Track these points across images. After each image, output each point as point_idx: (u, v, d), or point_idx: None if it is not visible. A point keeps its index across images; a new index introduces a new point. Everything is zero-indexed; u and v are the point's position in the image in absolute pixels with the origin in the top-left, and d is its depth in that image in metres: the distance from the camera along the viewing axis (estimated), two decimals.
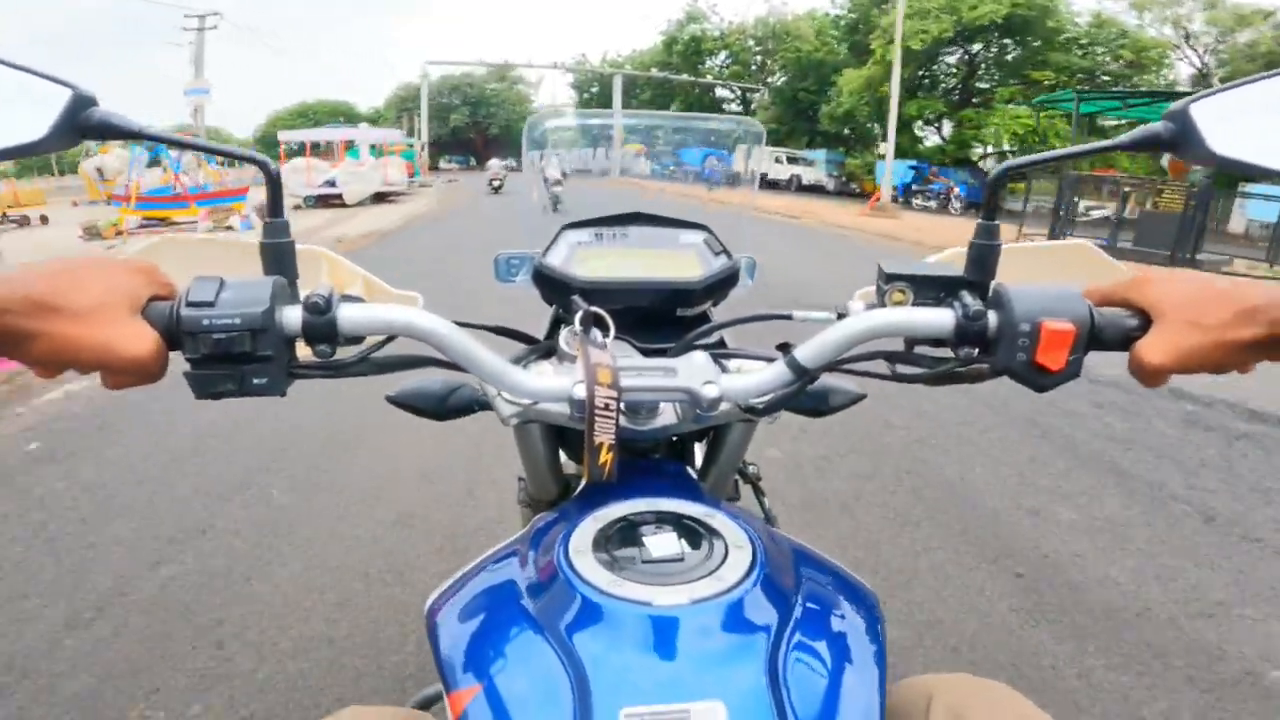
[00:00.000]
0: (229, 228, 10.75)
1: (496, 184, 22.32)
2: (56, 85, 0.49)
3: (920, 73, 27.31)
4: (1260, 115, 0.51)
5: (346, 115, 60.12)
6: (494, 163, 26.07)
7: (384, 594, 2.02)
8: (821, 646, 0.50)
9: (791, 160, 30.76)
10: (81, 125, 0.50)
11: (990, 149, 26.09)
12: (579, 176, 0.90)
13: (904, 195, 25.06)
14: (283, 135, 20.74)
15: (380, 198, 18.62)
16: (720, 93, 45.35)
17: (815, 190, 29.29)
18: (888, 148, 19.00)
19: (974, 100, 27.08)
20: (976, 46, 26.35)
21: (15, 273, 0.44)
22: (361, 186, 17.63)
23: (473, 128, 58.01)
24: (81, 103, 0.49)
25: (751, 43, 40.40)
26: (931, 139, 29.45)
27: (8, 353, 0.45)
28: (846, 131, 30.89)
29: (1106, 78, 24.22)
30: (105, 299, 0.46)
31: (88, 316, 0.45)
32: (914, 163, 25.80)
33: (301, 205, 16.03)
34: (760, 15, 39.40)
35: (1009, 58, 25.93)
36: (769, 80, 41.06)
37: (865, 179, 27.71)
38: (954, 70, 28.31)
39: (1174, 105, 0.52)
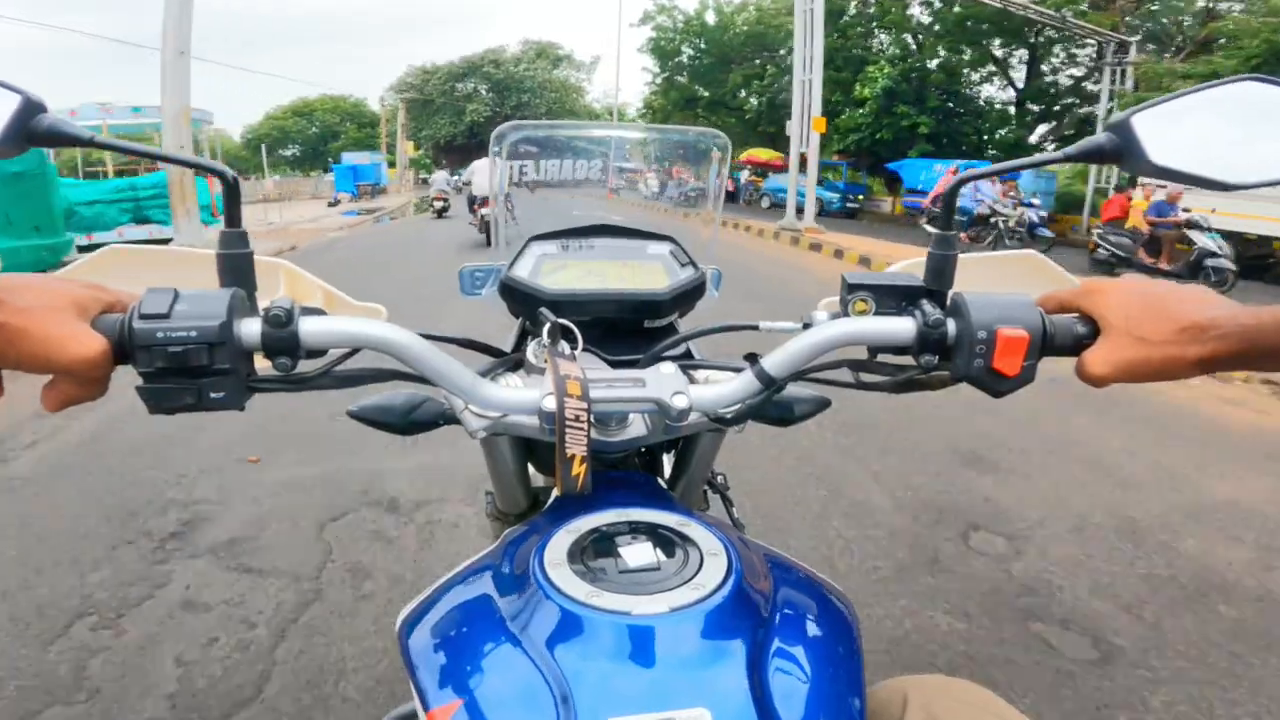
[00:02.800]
0: None
1: (440, 205, 17.51)
2: (4, 90, 0.48)
3: None
4: (1196, 126, 0.52)
5: (353, 114, 46.94)
6: (438, 176, 19.68)
7: None
8: (800, 651, 0.50)
9: None
10: (31, 131, 0.48)
11: None
12: (549, 189, 0.85)
13: None
14: None
15: None
16: (976, 75, 20.62)
17: None
18: None
19: None
20: None
21: None
22: None
23: (497, 125, 44.13)
24: (31, 109, 0.48)
25: None
26: None
27: None
28: None
29: None
30: (51, 302, 0.44)
31: (31, 312, 0.43)
32: None
33: None
34: None
35: None
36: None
37: None
38: None
39: (1115, 117, 0.54)
